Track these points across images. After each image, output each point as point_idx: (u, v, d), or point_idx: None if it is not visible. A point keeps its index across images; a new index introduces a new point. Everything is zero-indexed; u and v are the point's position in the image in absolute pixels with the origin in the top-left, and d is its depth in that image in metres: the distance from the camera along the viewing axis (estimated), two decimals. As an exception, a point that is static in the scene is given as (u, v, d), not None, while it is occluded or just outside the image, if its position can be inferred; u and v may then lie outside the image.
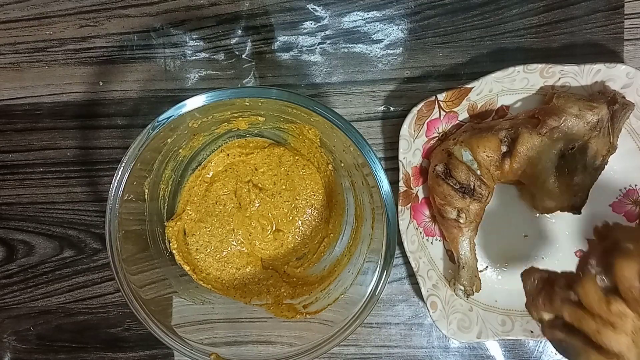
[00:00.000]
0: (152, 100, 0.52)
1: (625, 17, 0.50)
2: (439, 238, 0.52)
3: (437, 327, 0.50)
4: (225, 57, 0.51)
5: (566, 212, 0.48)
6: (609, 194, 0.51)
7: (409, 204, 0.50)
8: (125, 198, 0.41)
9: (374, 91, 0.51)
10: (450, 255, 0.52)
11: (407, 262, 0.50)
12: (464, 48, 0.50)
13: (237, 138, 0.51)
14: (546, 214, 0.49)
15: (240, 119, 0.46)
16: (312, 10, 0.51)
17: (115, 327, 0.54)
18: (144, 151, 0.40)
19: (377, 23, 0.51)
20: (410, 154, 0.49)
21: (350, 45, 0.51)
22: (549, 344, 0.51)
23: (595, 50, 0.50)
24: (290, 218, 0.51)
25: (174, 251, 0.49)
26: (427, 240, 0.51)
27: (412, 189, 0.50)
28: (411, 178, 0.50)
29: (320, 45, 0.51)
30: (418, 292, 0.51)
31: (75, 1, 0.51)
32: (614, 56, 0.50)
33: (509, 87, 0.48)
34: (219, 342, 0.47)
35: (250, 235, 0.51)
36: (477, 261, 0.50)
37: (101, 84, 0.52)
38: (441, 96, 0.48)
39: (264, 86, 0.51)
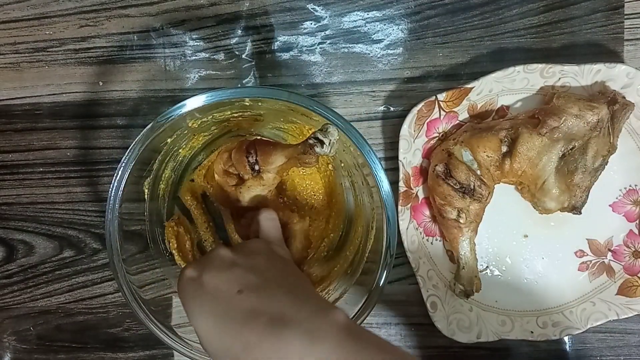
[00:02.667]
0: (152, 100, 0.52)
1: (625, 17, 0.50)
2: (439, 238, 0.52)
3: (437, 327, 0.50)
4: (225, 57, 0.51)
5: (566, 212, 0.48)
6: (609, 194, 0.51)
7: (409, 204, 0.50)
8: (125, 198, 0.41)
9: (374, 91, 0.51)
10: (450, 255, 0.52)
11: (407, 262, 0.50)
12: (464, 48, 0.50)
13: (237, 138, 0.51)
14: (546, 214, 0.49)
15: (240, 119, 0.46)
16: (312, 10, 0.51)
17: (115, 327, 0.54)
18: (144, 151, 0.40)
19: (377, 23, 0.51)
20: (410, 154, 0.49)
21: (350, 45, 0.51)
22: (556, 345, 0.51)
23: (595, 50, 0.50)
24: (290, 218, 0.51)
25: (173, 251, 0.49)
26: (427, 240, 0.51)
27: (412, 189, 0.50)
28: (411, 178, 0.50)
29: (320, 45, 0.51)
30: (418, 292, 0.51)
31: (75, 1, 0.51)
32: (614, 56, 0.50)
33: (509, 87, 0.48)
34: (219, 342, 0.47)
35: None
36: (477, 261, 0.50)
37: (101, 84, 0.52)
38: (441, 96, 0.48)
39: (264, 86, 0.51)
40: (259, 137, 0.49)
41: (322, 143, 0.38)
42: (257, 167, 0.42)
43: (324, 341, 0.31)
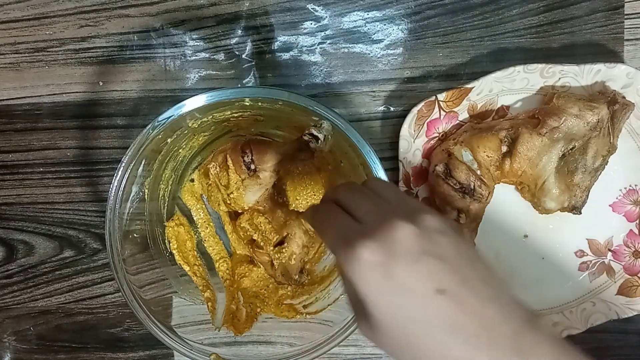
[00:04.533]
0: (152, 100, 0.52)
1: (625, 17, 0.50)
2: (439, 238, 0.52)
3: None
4: (225, 57, 0.51)
5: (566, 212, 0.48)
6: (609, 194, 0.51)
7: (409, 204, 0.50)
8: (125, 198, 0.41)
9: (374, 91, 0.51)
10: (450, 255, 0.51)
11: (407, 262, 0.50)
12: (464, 48, 0.50)
13: (237, 138, 0.51)
14: (546, 214, 0.49)
15: (241, 119, 0.46)
16: (312, 10, 0.51)
17: (115, 327, 0.54)
18: (144, 151, 0.40)
19: (377, 23, 0.51)
20: (411, 154, 0.49)
21: (350, 45, 0.51)
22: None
23: (595, 50, 0.50)
24: (290, 218, 0.51)
25: (174, 251, 0.49)
26: (427, 240, 0.51)
27: (412, 189, 0.50)
28: (411, 178, 0.50)
29: (320, 45, 0.51)
30: (418, 292, 0.50)
31: (75, 1, 0.51)
32: (614, 56, 0.50)
33: (509, 87, 0.48)
34: (219, 342, 0.47)
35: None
36: (477, 261, 0.50)
37: (101, 84, 0.52)
38: (441, 96, 0.48)
39: (264, 86, 0.51)
40: (254, 137, 0.49)
41: (317, 139, 0.38)
42: (252, 167, 0.43)
43: None
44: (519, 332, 0.28)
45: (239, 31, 0.51)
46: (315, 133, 0.38)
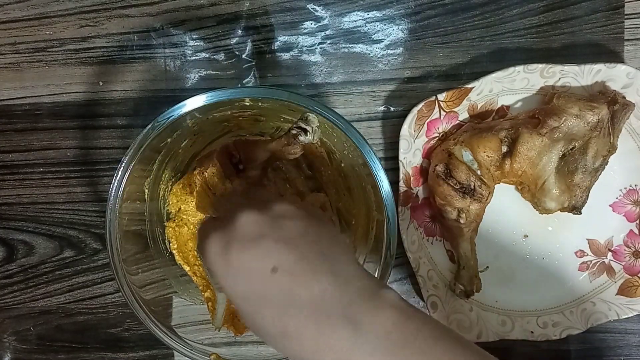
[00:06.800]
0: (152, 100, 0.52)
1: (626, 17, 0.50)
2: (439, 238, 0.52)
3: (437, 327, 0.50)
4: (225, 57, 0.51)
5: (566, 212, 0.48)
6: (609, 194, 0.51)
7: (409, 204, 0.50)
8: (125, 198, 0.41)
9: (374, 91, 0.51)
10: (451, 255, 0.52)
11: (407, 262, 0.50)
12: (464, 48, 0.50)
13: (237, 138, 0.51)
14: (546, 214, 0.49)
15: (241, 119, 0.46)
16: (312, 10, 0.51)
17: (115, 327, 0.54)
18: (144, 151, 0.40)
19: (377, 23, 0.51)
20: (411, 154, 0.49)
21: (351, 45, 0.51)
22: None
23: (596, 50, 0.50)
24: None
25: (174, 251, 0.49)
26: (427, 240, 0.51)
27: (412, 189, 0.50)
28: (411, 178, 0.50)
29: (321, 45, 0.51)
30: (418, 292, 0.50)
31: (75, 1, 0.51)
32: (614, 56, 0.50)
33: (509, 87, 0.48)
34: (219, 342, 0.47)
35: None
36: (477, 261, 0.50)
37: (101, 84, 0.52)
38: (441, 96, 0.48)
39: (264, 86, 0.51)
40: (237, 138, 0.49)
41: (305, 131, 0.39)
42: (241, 167, 0.43)
43: (370, 332, 0.28)
44: (352, 302, 0.29)
45: (239, 31, 0.51)
46: (303, 126, 0.39)
